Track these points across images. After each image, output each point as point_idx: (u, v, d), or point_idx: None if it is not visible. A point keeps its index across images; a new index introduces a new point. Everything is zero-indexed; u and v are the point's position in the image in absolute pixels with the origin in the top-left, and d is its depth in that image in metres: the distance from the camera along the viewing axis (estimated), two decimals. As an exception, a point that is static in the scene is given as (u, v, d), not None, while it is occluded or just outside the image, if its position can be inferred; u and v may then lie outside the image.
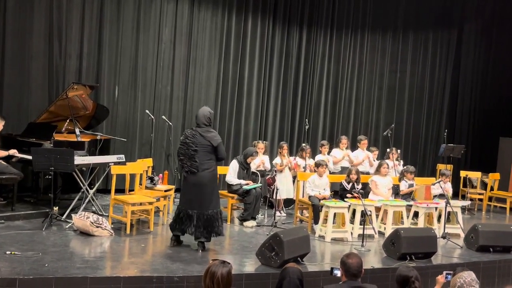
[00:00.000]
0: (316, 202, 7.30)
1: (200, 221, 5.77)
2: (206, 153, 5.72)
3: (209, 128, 5.82)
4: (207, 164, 5.74)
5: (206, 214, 5.77)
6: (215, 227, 5.84)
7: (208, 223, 5.80)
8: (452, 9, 12.05)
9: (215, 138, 5.78)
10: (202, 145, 5.71)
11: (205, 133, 5.75)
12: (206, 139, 5.72)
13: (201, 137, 5.73)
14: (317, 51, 10.95)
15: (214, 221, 5.82)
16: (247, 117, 10.26)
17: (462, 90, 12.35)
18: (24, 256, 5.13)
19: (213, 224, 5.82)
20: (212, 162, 5.79)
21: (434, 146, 12.09)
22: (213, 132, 5.84)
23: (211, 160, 5.77)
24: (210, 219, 5.79)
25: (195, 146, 5.70)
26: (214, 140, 5.75)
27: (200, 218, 5.76)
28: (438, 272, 4.62)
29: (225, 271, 3.37)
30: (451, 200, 7.75)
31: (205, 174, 5.73)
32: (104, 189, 8.39)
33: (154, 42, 9.23)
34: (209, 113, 5.87)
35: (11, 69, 8.04)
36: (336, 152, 8.97)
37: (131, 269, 5.11)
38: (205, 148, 5.71)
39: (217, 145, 5.75)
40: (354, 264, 3.81)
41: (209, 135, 5.76)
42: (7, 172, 6.74)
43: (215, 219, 5.82)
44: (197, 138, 5.72)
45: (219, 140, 5.80)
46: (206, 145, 5.72)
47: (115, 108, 8.93)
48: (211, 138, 5.74)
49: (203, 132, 5.75)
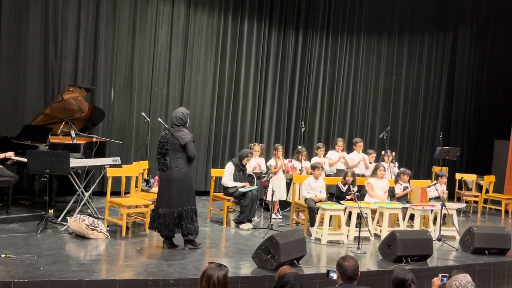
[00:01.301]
0: (312, 204, 7.30)
1: (168, 218, 5.85)
2: (175, 151, 5.86)
3: (181, 128, 5.93)
4: (175, 162, 5.86)
5: (176, 212, 5.85)
6: (183, 225, 5.88)
7: (178, 220, 5.86)
8: (447, 11, 12.10)
9: (183, 137, 5.87)
10: (172, 144, 5.86)
11: (176, 132, 5.89)
12: (175, 137, 5.86)
13: (171, 136, 5.88)
14: (313, 54, 10.97)
15: (184, 219, 5.87)
16: (243, 119, 10.27)
17: (457, 92, 12.40)
18: (19, 259, 5.10)
19: (182, 221, 5.87)
20: (180, 160, 5.87)
21: (429, 149, 12.13)
22: (183, 131, 5.92)
23: (180, 158, 5.87)
24: (180, 216, 5.86)
25: (166, 145, 5.87)
26: (182, 139, 5.85)
27: (169, 216, 5.85)
28: (433, 275, 4.62)
29: (221, 274, 3.36)
30: (447, 203, 7.77)
31: (173, 172, 5.85)
32: (99, 191, 8.37)
33: (150, 44, 9.22)
34: (182, 114, 5.99)
35: (6, 71, 8.01)
36: (332, 154, 8.99)
37: (127, 272, 5.09)
38: (174, 146, 5.86)
39: (184, 144, 5.84)
40: (350, 266, 3.81)
41: (178, 134, 5.88)
42: (2, 175, 6.71)
43: (185, 216, 5.87)
44: (168, 138, 5.89)
45: (187, 139, 5.86)
46: (175, 144, 5.85)
47: (111, 111, 8.91)
48: (179, 136, 5.86)
49: (174, 131, 5.90)
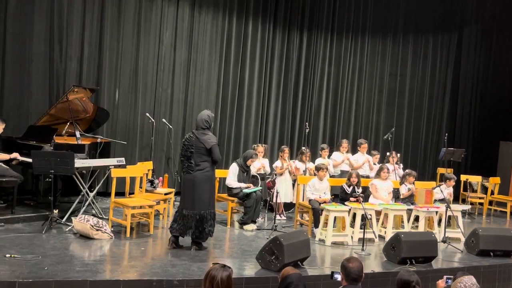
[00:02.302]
0: (316, 205, 7.29)
1: (191, 220, 5.91)
2: (200, 155, 5.92)
3: (206, 131, 6.00)
4: (200, 165, 5.93)
5: (198, 214, 5.92)
6: (206, 227, 5.96)
7: (199, 223, 5.93)
8: (452, 12, 12.07)
9: (208, 140, 5.93)
10: (197, 147, 5.93)
11: (201, 136, 5.94)
12: (201, 141, 5.91)
13: (196, 139, 5.94)
14: (317, 55, 10.96)
15: (205, 222, 5.94)
16: (247, 120, 10.27)
17: (462, 93, 12.35)
18: (23, 259, 5.12)
19: (204, 224, 5.94)
20: (206, 163, 5.95)
21: (434, 150, 12.09)
22: (208, 135, 5.99)
23: (205, 161, 5.94)
24: (202, 219, 5.93)
25: (191, 148, 5.92)
26: (207, 142, 5.92)
27: (193, 218, 5.91)
28: (438, 277, 4.61)
29: (225, 275, 3.35)
30: (452, 204, 7.74)
31: (198, 175, 5.92)
32: (104, 192, 8.39)
33: (155, 45, 9.24)
34: (207, 116, 6.05)
35: (12, 72, 8.05)
36: (337, 156, 8.98)
37: (131, 273, 5.10)
38: (199, 150, 5.92)
39: (210, 148, 5.92)
40: (354, 268, 3.80)
41: (203, 137, 5.94)
42: (7, 175, 6.74)
43: (207, 220, 5.95)
44: (193, 141, 5.95)
45: (212, 143, 5.94)
46: (200, 147, 5.91)
47: (116, 111, 8.93)
48: (204, 140, 5.92)
49: (199, 134, 5.95)
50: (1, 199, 7.08)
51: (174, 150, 9.41)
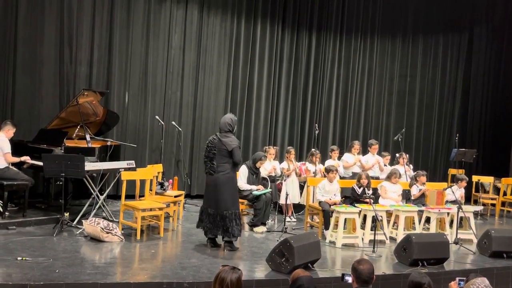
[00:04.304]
0: (327, 207, 7.25)
1: (217, 219, 6.09)
2: (222, 157, 6.12)
3: (228, 134, 6.18)
4: (222, 167, 6.12)
5: (221, 214, 6.07)
6: (230, 227, 6.09)
7: (223, 223, 6.08)
8: (462, 12, 11.98)
9: (230, 143, 6.11)
10: (219, 149, 6.12)
11: (223, 138, 6.13)
12: (223, 143, 6.09)
13: (219, 141, 6.13)
14: (326, 56, 10.93)
15: (229, 222, 6.07)
16: (256, 123, 10.26)
17: (473, 94, 12.25)
18: (35, 262, 5.15)
19: (227, 224, 6.07)
20: (227, 165, 6.13)
21: (445, 151, 11.99)
22: (231, 137, 6.17)
23: (226, 163, 6.13)
24: (225, 219, 6.07)
25: (214, 149, 6.12)
26: (229, 145, 6.10)
27: (217, 217, 6.09)
28: (450, 279, 4.56)
29: (235, 277, 3.34)
30: (463, 205, 7.67)
31: (219, 176, 6.11)
32: (114, 195, 8.41)
33: (164, 48, 9.27)
34: (230, 120, 6.27)
35: (23, 76, 8.11)
36: (348, 157, 8.91)
37: (141, 275, 5.11)
38: (222, 152, 6.11)
39: (231, 150, 6.09)
40: (365, 270, 3.77)
41: (226, 140, 6.12)
42: (18, 178, 6.79)
43: (230, 219, 6.08)
44: (216, 143, 6.15)
45: (233, 145, 6.11)
46: (223, 149, 6.10)
47: (125, 114, 8.97)
48: (226, 142, 6.10)
49: (222, 137, 6.16)
50: (12, 202, 7.13)
51: (183, 152, 9.43)
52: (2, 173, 6.73)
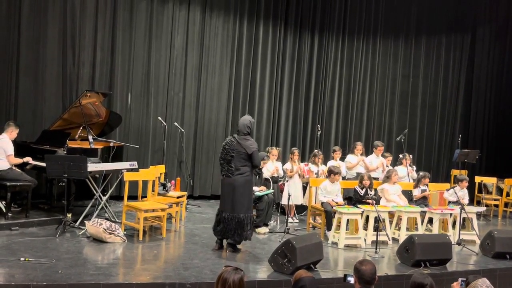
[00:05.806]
0: (329, 208, 7.25)
1: (232, 223, 6.02)
2: (241, 159, 6.07)
3: (247, 136, 6.15)
4: (241, 169, 6.08)
5: (237, 217, 6.03)
6: (245, 231, 6.07)
7: (238, 226, 6.03)
8: (465, 13, 11.96)
9: (250, 146, 6.09)
10: (238, 152, 6.07)
11: (242, 141, 6.09)
12: (242, 146, 6.07)
13: (238, 144, 6.09)
14: (329, 56, 10.93)
15: (245, 225, 6.05)
16: (259, 123, 10.26)
17: (476, 94, 12.23)
18: (37, 262, 5.16)
19: (244, 227, 6.05)
20: (246, 168, 6.10)
21: (448, 152, 11.98)
22: (250, 140, 6.14)
23: (245, 166, 6.09)
24: (241, 222, 6.04)
25: (232, 152, 6.07)
26: (249, 148, 6.08)
27: (232, 220, 6.02)
28: (453, 280, 4.55)
29: (237, 278, 3.34)
30: (466, 206, 7.65)
31: (238, 178, 6.06)
32: (117, 195, 8.43)
33: (166, 49, 9.29)
34: (249, 122, 6.21)
35: (26, 78, 8.14)
36: (351, 158, 8.90)
37: (144, 276, 5.11)
38: (241, 154, 6.07)
39: (251, 153, 6.07)
40: (367, 271, 3.77)
41: (245, 143, 6.08)
42: (21, 179, 6.81)
43: (246, 223, 6.06)
44: (234, 145, 6.09)
45: (254, 148, 6.10)
46: (242, 152, 6.06)
47: (128, 115, 8.98)
48: (246, 146, 6.07)
49: (240, 139, 6.11)
50: (15, 203, 7.15)
51: (186, 153, 9.44)
52: (5, 174, 6.76)
